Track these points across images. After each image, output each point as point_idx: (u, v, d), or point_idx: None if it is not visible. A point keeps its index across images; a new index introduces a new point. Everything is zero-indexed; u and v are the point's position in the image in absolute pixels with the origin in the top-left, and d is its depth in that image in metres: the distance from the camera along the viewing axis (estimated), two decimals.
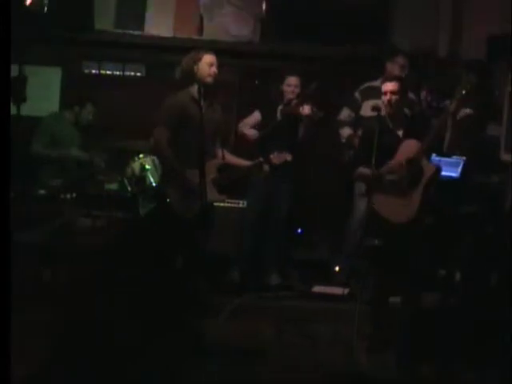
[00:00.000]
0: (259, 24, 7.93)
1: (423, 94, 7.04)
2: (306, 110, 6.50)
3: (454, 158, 6.12)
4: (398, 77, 5.83)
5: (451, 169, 6.09)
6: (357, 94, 6.87)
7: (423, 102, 6.98)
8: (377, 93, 6.64)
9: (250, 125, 6.77)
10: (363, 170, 5.19)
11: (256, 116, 6.79)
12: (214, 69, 5.14)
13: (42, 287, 5.03)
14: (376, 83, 6.75)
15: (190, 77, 5.12)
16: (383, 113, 5.21)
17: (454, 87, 6.00)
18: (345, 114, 6.91)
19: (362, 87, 6.89)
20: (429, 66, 7.52)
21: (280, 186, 6.68)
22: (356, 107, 6.82)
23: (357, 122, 6.80)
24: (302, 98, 6.58)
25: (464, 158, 6.22)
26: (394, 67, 6.67)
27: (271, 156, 5.62)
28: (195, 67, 5.12)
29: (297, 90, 6.66)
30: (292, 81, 6.68)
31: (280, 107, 6.70)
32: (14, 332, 2.97)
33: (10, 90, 3.68)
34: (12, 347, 3.06)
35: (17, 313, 3.06)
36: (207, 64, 5.13)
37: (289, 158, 5.68)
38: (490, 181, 6.07)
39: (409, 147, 5.10)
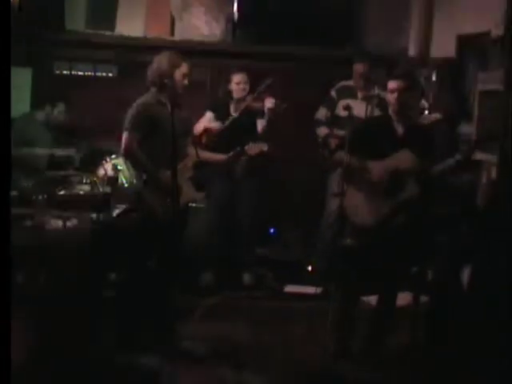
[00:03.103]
0: (230, 23, 7.92)
1: None
2: (268, 103, 6.47)
3: None
4: (403, 74, 5.20)
5: None
6: (333, 93, 6.92)
7: None
8: (350, 92, 6.76)
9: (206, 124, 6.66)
10: (341, 155, 4.94)
11: (208, 116, 6.71)
12: (186, 81, 5.17)
13: (13, 289, 4.97)
14: (350, 82, 6.83)
15: (167, 80, 5.06)
16: (390, 111, 5.07)
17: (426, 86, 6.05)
18: (321, 113, 6.93)
19: (337, 86, 6.94)
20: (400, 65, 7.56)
21: (244, 183, 6.67)
22: (332, 106, 6.87)
23: (333, 121, 6.83)
24: (258, 95, 6.54)
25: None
26: (359, 67, 6.75)
27: (246, 147, 5.61)
28: (176, 72, 5.11)
29: (246, 87, 6.63)
30: (240, 78, 6.63)
31: (232, 105, 6.68)
32: None
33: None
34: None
35: None
36: (183, 74, 5.14)
37: (265, 148, 5.67)
38: (461, 180, 6.09)
39: (403, 159, 4.95)
